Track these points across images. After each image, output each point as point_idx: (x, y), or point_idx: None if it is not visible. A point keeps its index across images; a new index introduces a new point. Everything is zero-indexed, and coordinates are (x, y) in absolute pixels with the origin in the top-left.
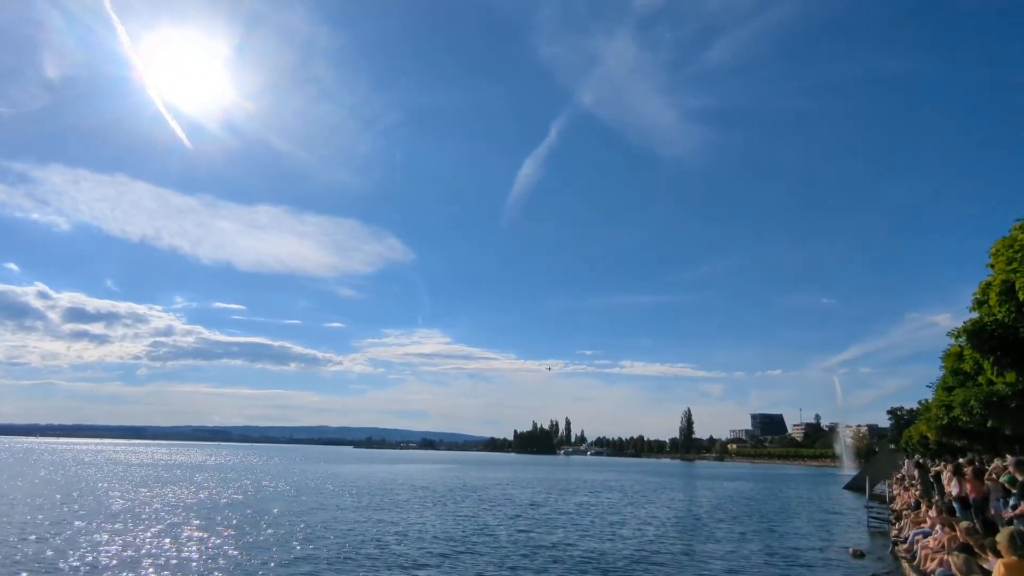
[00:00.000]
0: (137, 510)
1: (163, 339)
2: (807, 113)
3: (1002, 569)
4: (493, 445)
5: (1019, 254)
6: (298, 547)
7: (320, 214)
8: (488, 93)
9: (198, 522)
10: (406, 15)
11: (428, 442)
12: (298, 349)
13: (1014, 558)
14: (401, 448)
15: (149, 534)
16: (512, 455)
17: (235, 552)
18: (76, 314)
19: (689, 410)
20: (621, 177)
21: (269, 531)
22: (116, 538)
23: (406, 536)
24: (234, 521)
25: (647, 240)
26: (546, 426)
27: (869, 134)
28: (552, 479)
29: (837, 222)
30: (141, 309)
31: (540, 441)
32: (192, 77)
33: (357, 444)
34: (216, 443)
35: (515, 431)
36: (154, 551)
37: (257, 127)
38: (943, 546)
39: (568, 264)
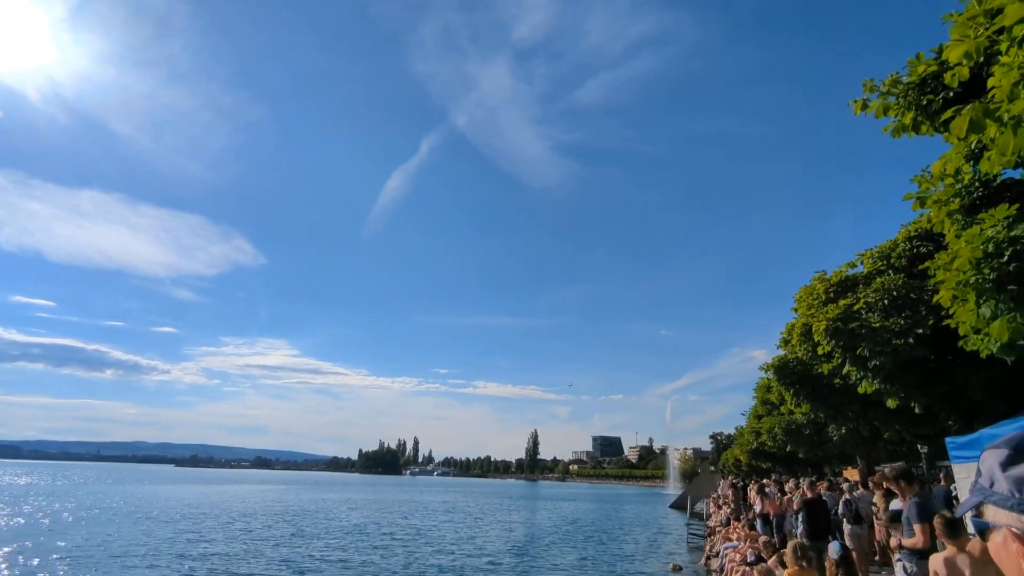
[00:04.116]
0: None
1: None
2: (663, 158)
3: None
4: (336, 465)
5: (816, 301)
6: None
7: (160, 207)
8: (360, 101)
9: None
10: (280, 9)
11: (263, 461)
12: (117, 354)
13: (796, 568)
14: (232, 467)
15: None
16: (355, 475)
17: None
18: None
19: (536, 431)
20: (488, 201)
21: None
22: None
23: (192, 573)
24: None
25: (509, 264)
26: (394, 445)
27: (711, 183)
28: (390, 500)
29: (679, 260)
30: None
31: (386, 461)
32: (10, 35)
33: (179, 462)
34: None
35: (360, 450)
36: None
37: (92, 103)
38: (745, 558)
39: (429, 282)
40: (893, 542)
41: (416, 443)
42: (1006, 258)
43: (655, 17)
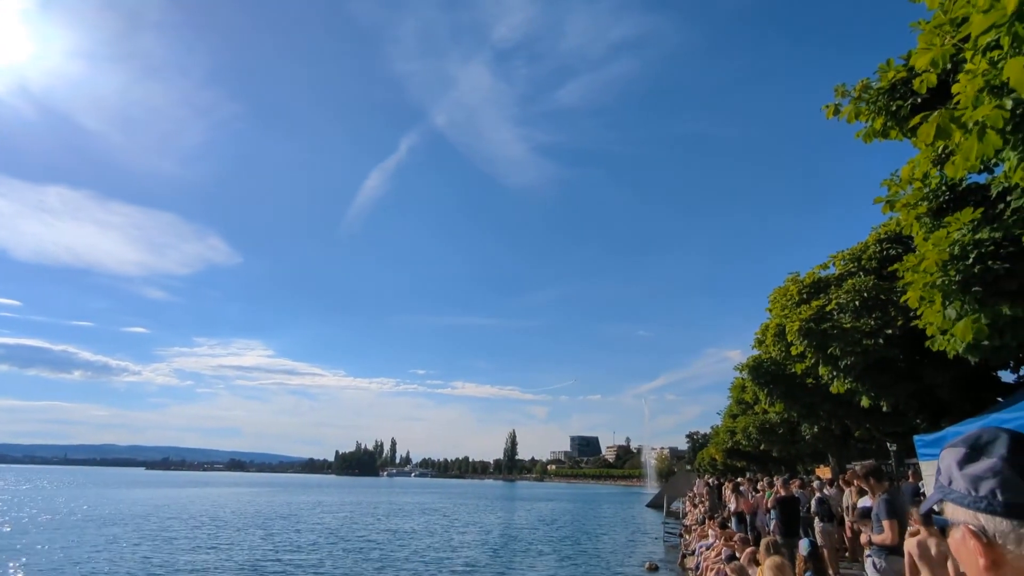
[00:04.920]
0: None
1: None
2: (642, 160)
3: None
4: (311, 467)
5: (790, 302)
6: None
7: (130, 204)
8: (338, 98)
9: None
10: (256, 4)
11: (237, 463)
12: (86, 355)
13: (767, 562)
14: (205, 470)
15: None
16: (331, 477)
17: None
18: None
19: (514, 432)
20: (467, 201)
21: None
22: None
23: None
24: None
25: (488, 264)
26: (371, 447)
27: (690, 185)
28: (365, 502)
29: (657, 261)
30: None
31: (362, 462)
32: None
33: (150, 465)
34: None
35: (336, 452)
36: None
37: (61, 97)
38: (719, 554)
39: (407, 282)
40: (863, 538)
41: (393, 444)
42: (971, 261)
43: (635, 20)
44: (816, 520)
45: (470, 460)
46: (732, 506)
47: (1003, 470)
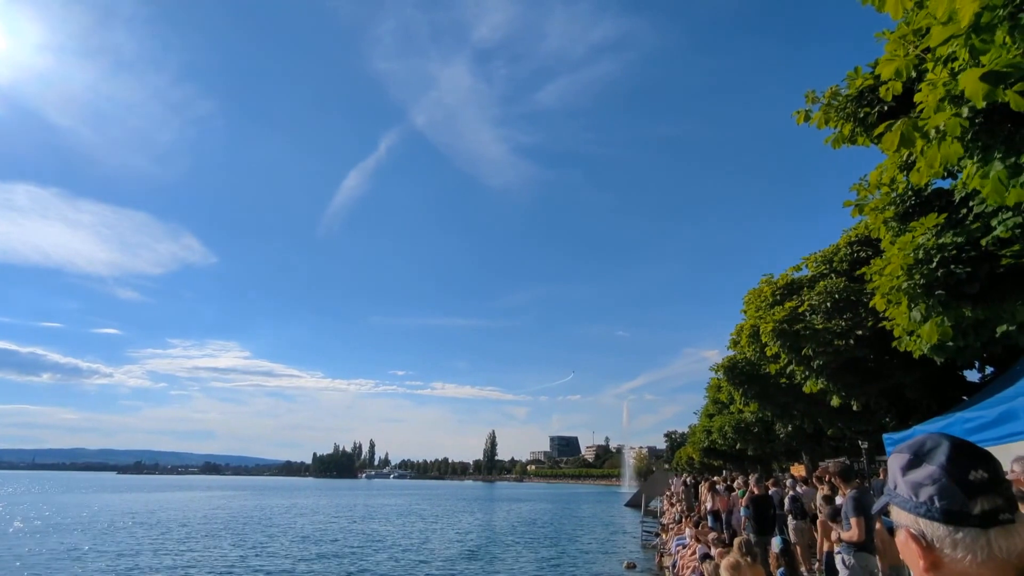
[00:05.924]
0: None
1: None
2: (621, 162)
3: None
4: (289, 469)
5: (764, 303)
6: None
7: (102, 202)
8: (317, 96)
9: None
10: (235, 0)
11: (212, 466)
12: (55, 357)
13: (734, 559)
14: (179, 473)
15: None
16: (308, 480)
17: None
18: None
19: (494, 432)
20: (446, 201)
21: None
22: None
23: None
24: None
25: (467, 265)
26: (349, 448)
27: (668, 187)
28: (342, 505)
29: (636, 262)
30: None
31: (341, 464)
32: None
33: (122, 469)
34: None
35: (314, 454)
36: None
37: (28, 92)
38: (694, 553)
39: (386, 283)
40: (833, 535)
41: (372, 446)
42: (935, 264)
43: (614, 23)
44: (789, 518)
45: (450, 461)
46: (708, 505)
47: (941, 478)
